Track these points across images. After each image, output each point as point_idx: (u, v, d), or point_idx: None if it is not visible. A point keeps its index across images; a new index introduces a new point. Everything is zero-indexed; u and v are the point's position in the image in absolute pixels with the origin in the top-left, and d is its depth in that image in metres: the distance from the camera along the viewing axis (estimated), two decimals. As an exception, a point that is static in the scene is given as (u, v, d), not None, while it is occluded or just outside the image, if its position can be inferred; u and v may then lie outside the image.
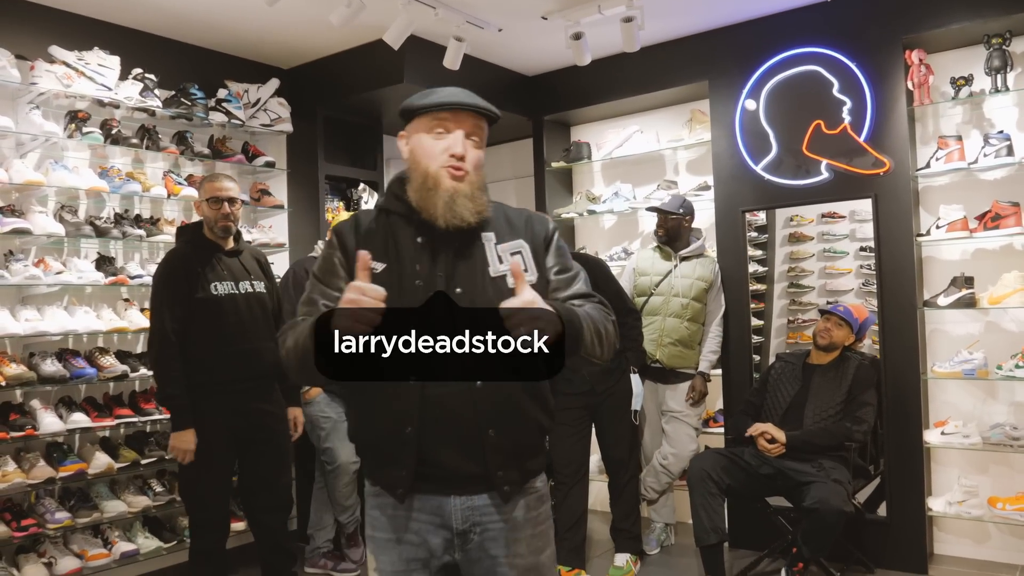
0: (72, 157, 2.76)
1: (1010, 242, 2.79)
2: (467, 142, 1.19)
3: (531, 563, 1.21)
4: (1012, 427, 2.68)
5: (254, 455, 2.39)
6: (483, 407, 1.14)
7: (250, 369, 2.35)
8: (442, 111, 1.18)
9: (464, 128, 1.19)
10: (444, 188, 1.17)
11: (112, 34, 2.86)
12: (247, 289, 2.39)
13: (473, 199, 1.18)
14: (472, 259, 1.19)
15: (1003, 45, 2.68)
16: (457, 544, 1.19)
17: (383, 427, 1.16)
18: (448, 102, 1.18)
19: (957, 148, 2.78)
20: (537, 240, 1.24)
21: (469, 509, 1.18)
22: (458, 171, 1.17)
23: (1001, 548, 2.83)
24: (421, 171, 1.19)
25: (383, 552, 1.20)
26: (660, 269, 3.07)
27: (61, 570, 2.45)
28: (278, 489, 2.47)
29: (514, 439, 1.17)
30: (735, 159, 3.13)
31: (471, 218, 1.18)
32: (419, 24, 2.81)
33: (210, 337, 2.28)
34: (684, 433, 3.03)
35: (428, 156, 1.18)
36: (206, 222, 2.38)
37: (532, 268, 1.22)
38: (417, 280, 1.17)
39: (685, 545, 3.10)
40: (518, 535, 1.19)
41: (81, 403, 2.64)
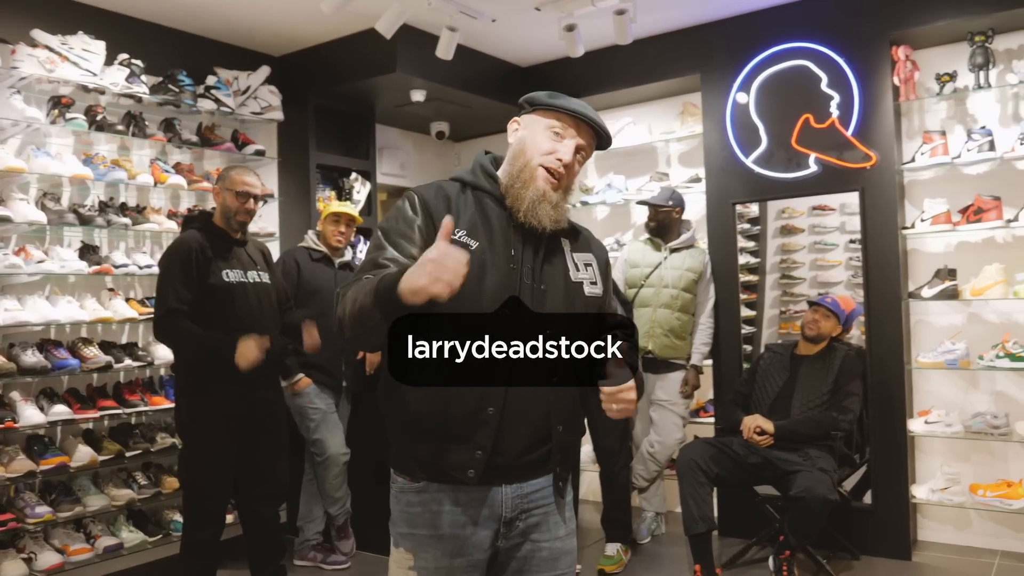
0: (55, 143, 2.70)
1: (992, 235, 2.85)
2: (576, 155, 1.22)
3: (568, 546, 1.26)
4: (993, 416, 2.74)
5: (254, 443, 2.37)
6: (555, 403, 1.18)
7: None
8: (568, 116, 1.21)
9: (579, 140, 1.22)
10: (536, 187, 1.19)
11: (97, 18, 2.80)
12: (255, 279, 2.39)
13: (557, 208, 1.20)
14: (555, 260, 1.22)
15: (986, 43, 2.74)
16: (503, 533, 1.20)
17: (463, 406, 1.14)
18: (578, 111, 1.22)
19: (941, 143, 2.85)
20: (601, 259, 1.30)
21: (519, 497, 1.19)
22: (555, 177, 1.20)
23: (982, 533, 2.89)
24: (523, 160, 1.21)
25: (424, 549, 1.19)
26: (650, 260, 3.10)
27: (41, 565, 2.39)
28: (274, 478, 2.45)
29: (572, 436, 1.23)
30: (726, 152, 3.17)
31: (548, 224, 1.19)
32: (411, 13, 2.79)
33: (220, 323, 2.27)
34: (671, 422, 3.06)
35: (536, 150, 1.21)
36: (224, 211, 2.37)
37: (600, 282, 1.27)
38: (512, 264, 1.17)
39: (676, 534, 3.12)
40: (558, 519, 1.24)
41: (63, 395, 2.58)
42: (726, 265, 3.17)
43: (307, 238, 2.98)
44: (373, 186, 3.63)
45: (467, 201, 1.22)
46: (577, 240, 1.28)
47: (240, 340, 2.22)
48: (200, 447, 2.29)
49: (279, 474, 2.48)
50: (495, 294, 1.15)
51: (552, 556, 1.22)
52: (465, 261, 1.00)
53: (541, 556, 1.21)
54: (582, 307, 1.21)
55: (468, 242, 1.17)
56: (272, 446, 2.43)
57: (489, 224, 1.20)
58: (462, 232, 1.18)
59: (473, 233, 1.18)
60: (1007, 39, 2.82)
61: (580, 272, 1.24)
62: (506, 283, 1.16)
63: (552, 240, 1.23)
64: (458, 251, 1.00)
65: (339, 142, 3.57)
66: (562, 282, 1.21)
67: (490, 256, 1.17)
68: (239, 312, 2.32)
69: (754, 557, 2.85)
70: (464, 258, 1.00)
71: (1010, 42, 2.83)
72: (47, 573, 2.40)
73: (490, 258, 1.17)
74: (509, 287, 1.16)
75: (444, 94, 3.42)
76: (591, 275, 1.25)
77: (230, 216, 2.36)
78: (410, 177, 4.10)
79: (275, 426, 2.44)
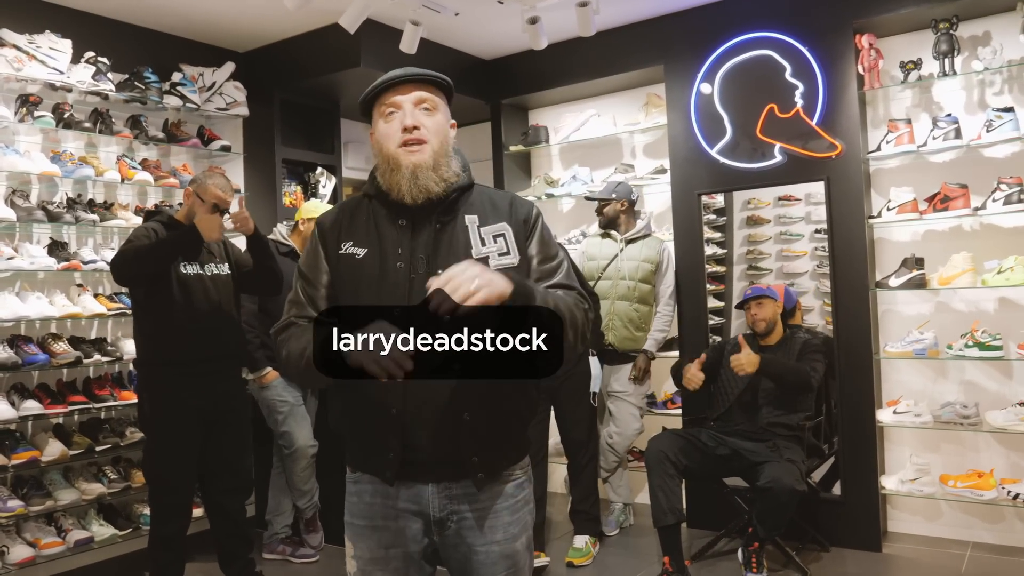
0: (23, 141, 2.73)
1: (959, 223, 2.83)
2: (417, 111, 1.18)
3: (507, 550, 1.21)
4: (962, 405, 2.72)
5: (217, 436, 2.39)
6: (462, 391, 1.14)
7: (217, 349, 2.37)
8: (384, 93, 1.19)
9: (411, 100, 1.19)
10: (404, 165, 1.17)
11: (64, 17, 2.83)
12: (213, 271, 2.41)
13: (436, 168, 1.17)
14: (454, 240, 1.19)
15: (950, 30, 2.72)
16: (435, 530, 1.20)
17: (369, 411, 1.16)
18: (386, 81, 1.19)
19: (907, 131, 2.83)
20: (520, 224, 1.23)
21: (446, 498, 1.18)
22: (415, 145, 1.17)
23: (952, 525, 2.87)
24: (384, 155, 1.20)
25: (361, 539, 1.21)
26: (607, 253, 3.10)
27: (14, 559, 2.41)
28: (240, 471, 2.47)
29: (490, 425, 1.17)
30: (691, 142, 3.16)
31: (437, 188, 1.17)
32: (375, 8, 2.80)
33: (178, 316, 2.29)
34: (628, 412, 3.07)
35: (386, 139, 1.19)
36: (189, 215, 2.38)
37: (514, 251, 1.21)
38: (399, 262, 1.17)
39: (644, 526, 3.12)
40: (494, 523, 1.20)
41: (34, 390, 2.61)
42: (692, 256, 3.17)
43: (276, 231, 2.99)
44: (339, 180, 3.64)
45: (361, 211, 1.24)
46: (487, 212, 1.23)
47: (198, 221, 2.26)
48: (162, 441, 2.31)
49: (243, 468, 2.50)
50: (386, 295, 1.16)
51: (488, 560, 1.19)
52: (409, 366, 1.00)
53: (477, 560, 1.19)
54: None
55: (355, 251, 1.19)
56: (235, 440, 2.44)
57: (379, 229, 1.21)
58: (349, 243, 1.20)
59: (362, 241, 1.20)
60: (971, 26, 2.80)
61: (487, 246, 1.20)
62: (394, 282, 1.16)
63: (447, 222, 1.20)
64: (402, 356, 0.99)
65: (304, 137, 3.58)
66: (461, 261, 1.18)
67: (378, 260, 1.18)
68: (196, 303, 2.34)
69: (723, 549, 2.84)
70: (408, 364, 0.99)
71: (975, 28, 2.80)
72: (19, 566, 2.42)
73: (378, 262, 1.18)
74: (400, 285, 1.16)
75: (409, 88, 3.43)
76: (500, 246, 1.20)
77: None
78: (375, 171, 4.12)
79: (237, 420, 2.46)
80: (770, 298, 2.78)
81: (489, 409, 1.17)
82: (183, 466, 2.33)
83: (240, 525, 2.49)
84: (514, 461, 1.24)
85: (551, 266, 1.23)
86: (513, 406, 1.21)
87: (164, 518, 2.34)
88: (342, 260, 1.20)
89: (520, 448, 1.26)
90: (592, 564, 2.82)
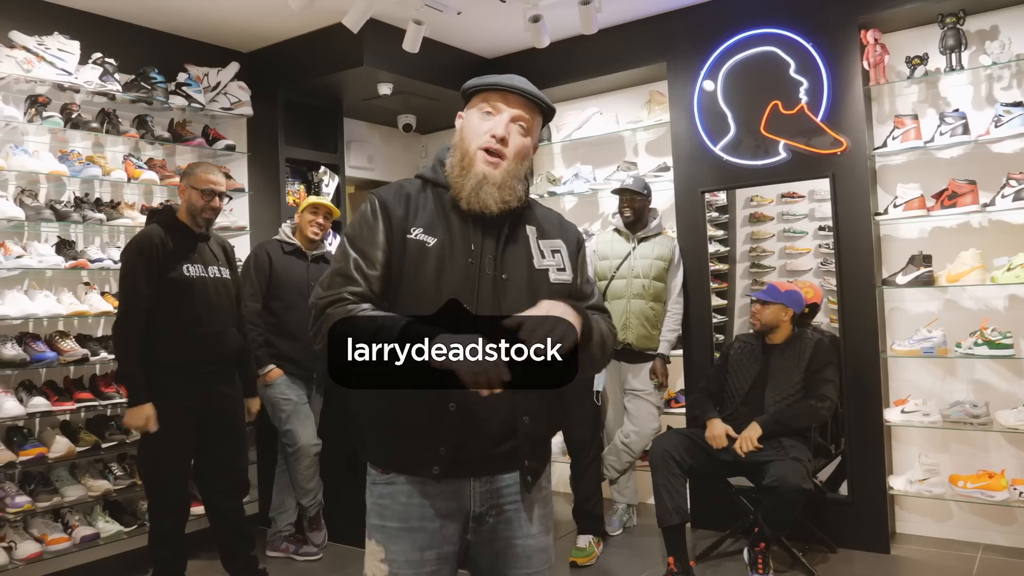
0: (32, 141, 2.77)
1: (967, 220, 2.80)
2: (512, 126, 1.19)
3: (542, 543, 1.23)
4: (972, 405, 2.68)
5: (213, 438, 2.40)
6: (521, 395, 1.15)
7: (215, 352, 2.38)
8: (494, 91, 1.20)
9: (512, 112, 1.19)
10: (475, 171, 1.18)
11: (72, 19, 2.87)
12: (215, 274, 2.42)
13: (502, 188, 1.18)
14: (518, 248, 1.21)
15: (957, 24, 2.69)
16: (472, 527, 1.20)
17: (424, 404, 1.14)
18: (500, 83, 1.20)
19: (913, 127, 2.80)
20: (571, 244, 1.27)
21: (488, 492, 1.19)
22: (493, 156, 1.18)
23: (963, 526, 2.83)
24: (462, 149, 1.20)
25: (394, 541, 1.18)
26: (619, 251, 3.08)
27: (21, 554, 2.44)
28: (234, 472, 2.48)
29: (542, 429, 1.21)
30: (694, 140, 3.15)
31: (494, 207, 1.18)
32: (378, 7, 2.82)
33: (179, 318, 2.31)
34: (646, 411, 3.04)
35: (472, 134, 1.20)
36: (189, 208, 2.41)
37: (569, 268, 1.25)
38: (469, 259, 1.17)
39: (648, 526, 3.10)
40: (532, 515, 1.21)
41: (41, 387, 2.64)
42: (696, 254, 3.15)
43: (280, 231, 3.00)
44: (341, 179, 3.65)
45: (427, 198, 1.23)
46: (545, 226, 1.26)
47: (129, 410, 2.28)
48: (155, 440, 2.31)
49: (238, 468, 2.50)
50: (455, 289, 1.15)
51: (525, 553, 1.20)
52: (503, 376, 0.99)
53: (514, 552, 1.20)
54: (547, 294, 1.17)
55: (426, 239, 1.18)
56: (230, 441, 2.45)
57: (448, 219, 1.20)
58: (419, 230, 1.19)
59: (431, 230, 1.19)
60: (979, 20, 2.76)
61: (546, 259, 1.23)
62: (464, 277, 1.16)
63: (515, 228, 1.22)
64: (497, 367, 0.99)
65: (308, 136, 3.60)
66: (525, 270, 1.20)
67: (448, 251, 1.18)
68: (198, 306, 2.35)
69: (728, 549, 2.81)
70: (504, 375, 0.99)
71: (982, 23, 2.77)
72: (27, 562, 2.45)
73: (448, 253, 1.18)
74: (468, 281, 1.16)
75: (411, 87, 3.45)
76: (558, 261, 1.23)
77: (195, 213, 2.40)
78: (378, 170, 4.13)
79: (232, 421, 2.46)
80: (776, 304, 2.73)
81: (542, 414, 1.20)
82: (174, 465, 2.34)
83: (238, 524, 2.49)
84: (549, 459, 1.28)
85: (590, 290, 1.28)
86: (557, 411, 1.25)
87: (159, 515, 2.36)
88: (409, 245, 1.18)
89: (550, 447, 1.30)
90: (595, 564, 2.80)
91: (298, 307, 2.86)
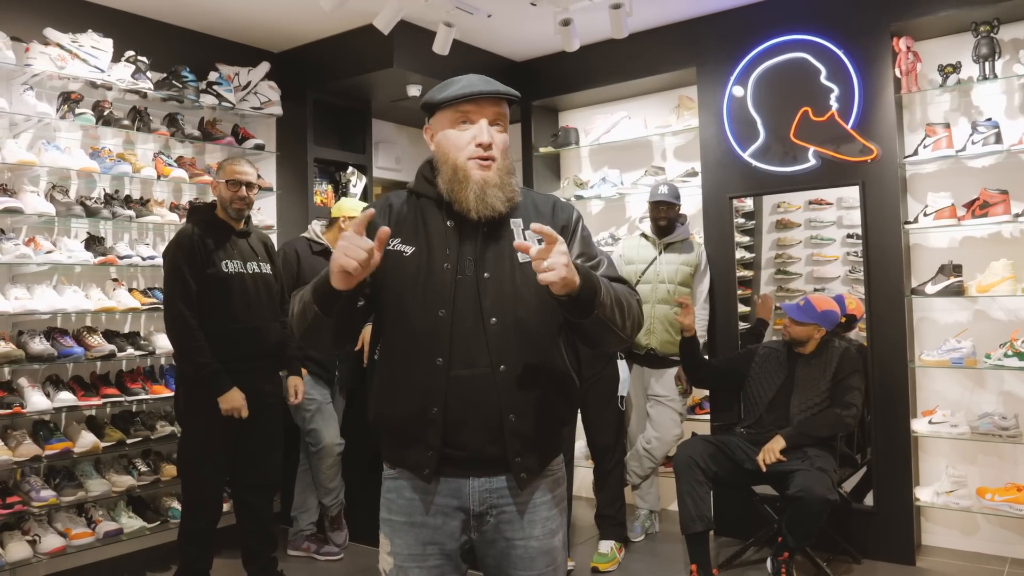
0: (64, 138, 2.79)
1: (998, 230, 2.77)
2: (491, 128, 1.20)
3: (545, 546, 1.22)
4: (1001, 416, 2.65)
5: (249, 433, 2.40)
6: (505, 392, 1.15)
7: (256, 348, 2.39)
8: (463, 103, 1.19)
9: (487, 115, 1.19)
10: (474, 180, 1.17)
11: (106, 17, 2.90)
12: (255, 270, 2.43)
13: (503, 187, 1.19)
14: (501, 245, 1.20)
15: (991, 32, 2.68)
16: (473, 525, 1.20)
17: (409, 408, 1.17)
18: (468, 93, 1.18)
19: (945, 135, 2.78)
20: (561, 226, 1.25)
21: (487, 492, 1.19)
22: (485, 160, 1.18)
23: (990, 540, 2.79)
24: (450, 164, 1.19)
25: (398, 535, 1.21)
26: (645, 256, 3.08)
27: (45, 548, 2.44)
28: (266, 467, 2.48)
29: (533, 426, 1.18)
30: (723, 145, 3.14)
31: (502, 207, 1.18)
32: (409, 10, 2.83)
33: (218, 314, 2.32)
34: (669, 418, 3.02)
35: (455, 148, 1.19)
36: (221, 202, 2.42)
37: None
38: (446, 263, 1.18)
39: (670, 532, 3.08)
40: (533, 517, 1.20)
41: (68, 382, 2.65)
42: (723, 260, 3.14)
43: (310, 229, 2.99)
44: (369, 180, 3.67)
45: (409, 208, 1.24)
46: (532, 215, 1.24)
47: (220, 398, 2.29)
48: (196, 437, 2.33)
49: (271, 464, 2.51)
50: (431, 295, 1.17)
51: (527, 555, 1.20)
52: (367, 247, 1.07)
53: (516, 554, 1.20)
54: (533, 287, 1.17)
55: (403, 249, 1.20)
56: (265, 436, 2.46)
57: (427, 228, 1.21)
58: (397, 240, 1.21)
59: (409, 239, 1.21)
60: (1013, 29, 2.75)
61: (532, 249, 1.21)
62: (441, 283, 1.17)
63: (496, 225, 1.20)
64: (360, 238, 1.08)
65: (336, 136, 3.61)
66: (508, 266, 1.19)
67: (426, 259, 1.19)
68: (237, 302, 2.36)
69: (751, 558, 2.79)
70: (366, 244, 1.07)
71: (1017, 32, 2.75)
72: (50, 556, 2.46)
73: (425, 261, 1.19)
74: (444, 286, 1.17)
75: (440, 89, 3.46)
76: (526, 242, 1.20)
77: (226, 206, 2.41)
78: (405, 171, 4.14)
79: (271, 416, 2.47)
80: (811, 324, 2.70)
81: (533, 411, 1.18)
82: (215, 463, 2.35)
83: (264, 522, 2.49)
84: (553, 458, 1.26)
85: (593, 263, 1.25)
86: (555, 407, 1.21)
87: (194, 513, 2.37)
88: (389, 256, 1.19)
89: (559, 446, 1.27)
90: (617, 570, 2.79)
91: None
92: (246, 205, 2.43)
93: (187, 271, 2.29)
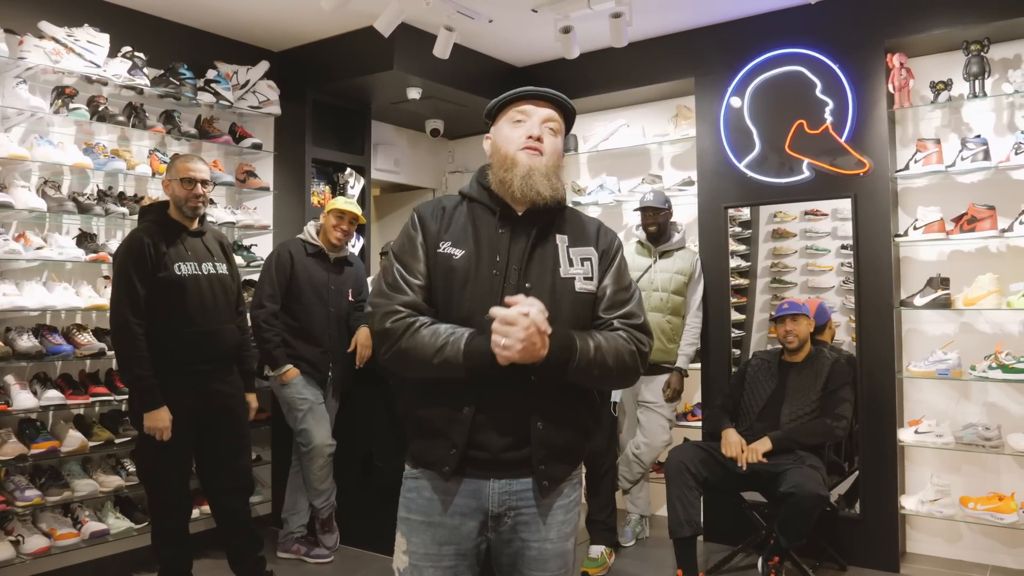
0: (57, 133, 2.75)
1: (985, 244, 2.83)
2: (544, 127, 1.25)
3: (559, 548, 1.25)
4: (984, 427, 2.71)
5: (213, 436, 2.38)
6: (535, 400, 1.19)
7: (211, 350, 2.35)
8: (518, 101, 1.26)
9: (542, 113, 1.26)
10: (520, 164, 1.22)
11: (103, 11, 2.86)
12: (210, 270, 2.39)
13: (548, 178, 1.23)
14: (545, 257, 1.24)
15: (981, 51, 2.74)
16: (491, 526, 1.22)
17: (442, 405, 1.20)
18: (524, 90, 1.27)
19: (935, 151, 2.83)
20: (603, 252, 1.29)
21: (507, 494, 1.21)
22: (535, 150, 1.23)
23: (972, 548, 2.85)
24: (501, 155, 1.25)
25: (415, 534, 1.23)
26: (639, 264, 3.10)
27: (29, 548, 2.40)
28: (237, 471, 2.45)
29: (559, 435, 1.21)
30: (719, 155, 3.17)
31: (547, 193, 1.22)
32: (410, 12, 2.83)
33: (172, 317, 2.28)
34: (657, 424, 3.05)
35: (508, 142, 1.25)
36: (175, 201, 2.38)
37: (596, 276, 1.26)
38: (494, 270, 1.21)
39: (660, 537, 3.10)
40: (550, 520, 1.23)
41: (56, 380, 2.61)
42: (718, 269, 3.17)
43: (305, 230, 2.97)
44: (367, 181, 3.65)
45: (461, 212, 1.28)
46: (578, 234, 1.29)
47: (147, 414, 2.24)
48: (152, 439, 2.27)
49: (241, 468, 2.48)
50: (478, 299, 1.20)
51: (541, 557, 1.22)
52: (528, 324, 1.10)
53: (530, 555, 1.22)
54: (569, 303, 1.22)
55: (453, 252, 1.23)
56: (231, 440, 2.42)
57: (478, 233, 1.25)
58: (447, 243, 1.24)
59: (459, 243, 1.24)
60: (1003, 48, 2.81)
61: (573, 267, 1.25)
62: (487, 288, 1.20)
63: (543, 237, 1.25)
64: (525, 319, 1.10)
65: (335, 137, 3.60)
66: (549, 279, 1.23)
67: (474, 264, 1.22)
68: (192, 305, 2.32)
69: (739, 564, 2.82)
70: (528, 323, 1.10)
71: (1006, 51, 2.82)
72: (34, 556, 2.42)
73: (474, 265, 1.22)
74: (491, 292, 1.20)
75: (440, 92, 3.45)
76: (586, 270, 1.26)
77: (181, 205, 2.36)
78: (404, 173, 4.14)
79: (232, 419, 2.43)
80: (804, 315, 2.76)
81: (558, 419, 1.21)
82: (172, 464, 2.31)
83: (245, 524, 2.47)
84: (575, 467, 1.28)
85: (624, 297, 1.28)
86: (580, 418, 1.26)
87: (160, 514, 2.34)
88: (439, 258, 1.24)
89: (580, 455, 1.30)
90: (607, 574, 2.80)
91: (316, 309, 2.85)
92: (201, 203, 2.38)
93: (136, 277, 2.23)
